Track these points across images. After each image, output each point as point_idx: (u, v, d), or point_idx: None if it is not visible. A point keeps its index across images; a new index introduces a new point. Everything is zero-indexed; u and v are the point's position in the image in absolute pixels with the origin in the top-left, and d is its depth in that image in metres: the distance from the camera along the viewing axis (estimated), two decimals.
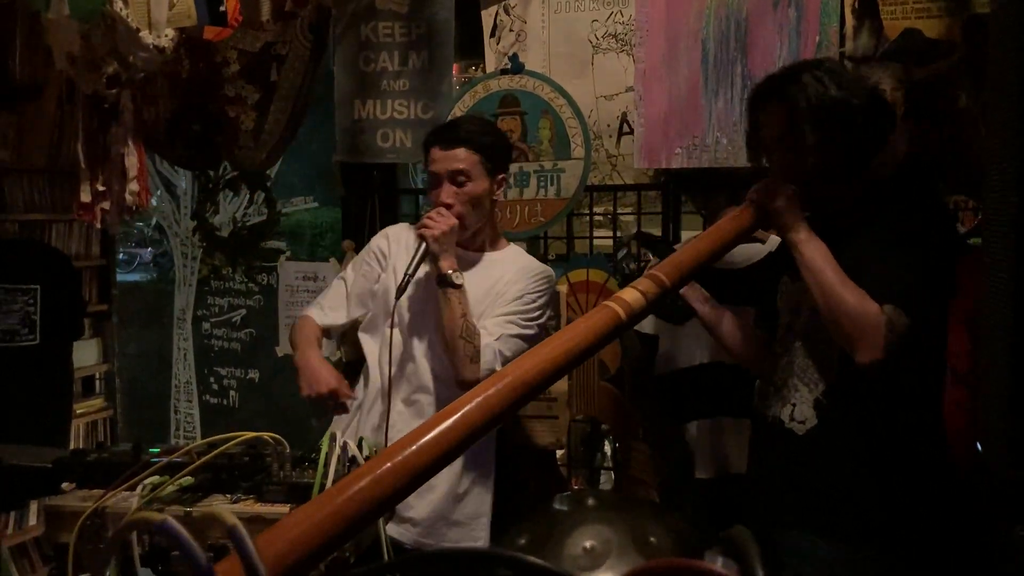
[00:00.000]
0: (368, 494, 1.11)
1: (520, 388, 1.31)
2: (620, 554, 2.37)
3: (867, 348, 1.72)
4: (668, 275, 1.62)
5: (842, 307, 1.74)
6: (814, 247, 1.81)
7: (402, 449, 1.18)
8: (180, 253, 4.15)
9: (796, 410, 1.92)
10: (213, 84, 3.12)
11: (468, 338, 2.18)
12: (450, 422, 1.22)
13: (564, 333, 1.46)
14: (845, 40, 2.51)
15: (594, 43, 2.83)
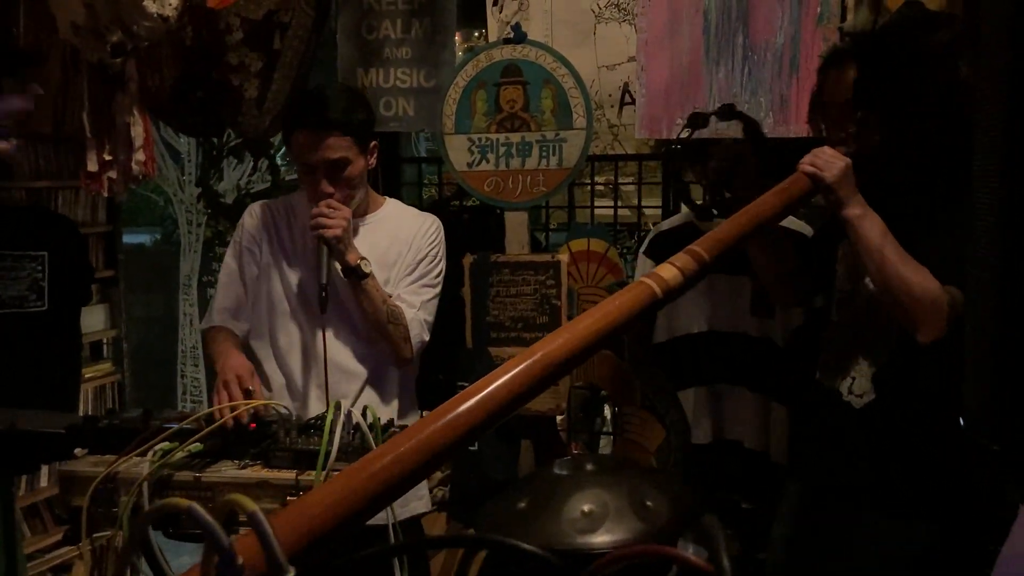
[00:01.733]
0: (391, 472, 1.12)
1: (549, 367, 1.25)
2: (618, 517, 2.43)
3: (929, 328, 1.65)
4: (708, 251, 1.52)
5: (903, 287, 1.67)
6: (871, 223, 1.72)
7: (427, 426, 1.19)
8: (185, 219, 4.17)
9: (856, 383, 1.88)
10: (216, 52, 3.13)
11: (396, 321, 2.15)
12: (476, 400, 1.20)
13: (596, 311, 1.38)
14: (846, 11, 2.52)
15: (596, 12, 2.84)
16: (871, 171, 1.78)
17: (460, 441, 1.20)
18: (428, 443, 1.14)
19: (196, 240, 4.19)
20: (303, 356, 2.22)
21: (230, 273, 2.28)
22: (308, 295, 2.21)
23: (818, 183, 1.73)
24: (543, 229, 3.05)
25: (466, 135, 2.84)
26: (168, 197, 4.34)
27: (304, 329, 2.23)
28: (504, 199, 2.83)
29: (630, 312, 1.40)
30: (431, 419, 1.19)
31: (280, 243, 2.26)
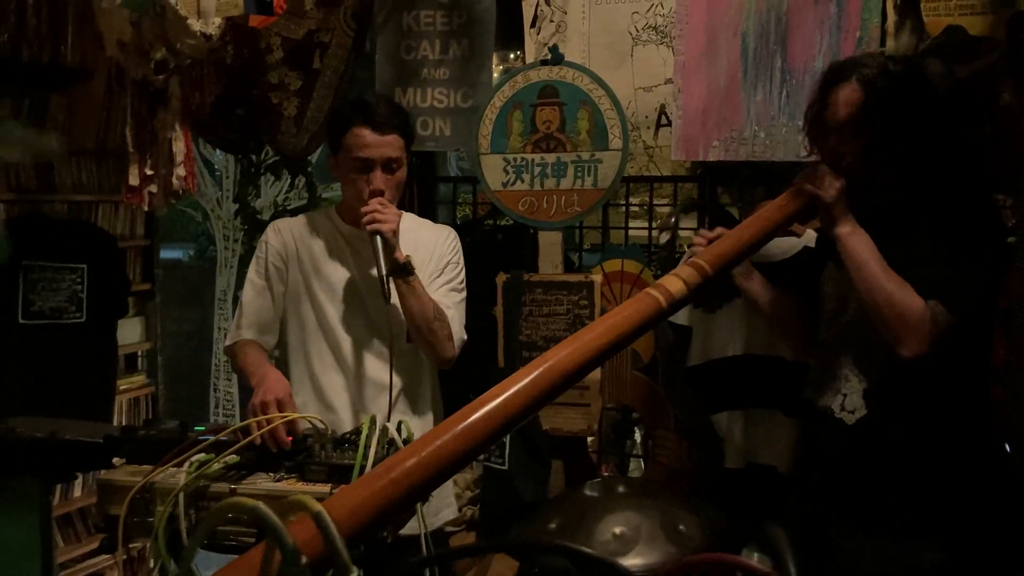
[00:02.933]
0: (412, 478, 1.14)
1: (560, 375, 1.32)
2: (649, 540, 2.41)
3: (910, 342, 1.72)
4: (710, 263, 1.62)
5: (886, 301, 1.73)
6: (859, 241, 1.79)
7: (443, 433, 1.20)
8: (222, 236, 4.22)
9: (847, 400, 1.90)
10: (257, 70, 3.18)
11: (441, 319, 2.17)
12: (491, 407, 1.23)
13: (605, 320, 1.45)
14: (886, 37, 2.50)
15: (634, 35, 2.85)
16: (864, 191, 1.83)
17: (477, 447, 1.23)
18: (446, 449, 1.18)
19: (232, 256, 4.24)
20: (338, 371, 2.23)
21: (257, 289, 2.28)
22: (339, 309, 2.23)
23: (815, 201, 1.81)
24: (577, 249, 3.05)
25: (501, 155, 2.86)
26: (205, 212, 4.40)
27: (337, 344, 2.24)
28: (538, 219, 2.84)
29: (636, 323, 1.47)
30: (448, 426, 1.21)
31: (308, 260, 2.27)
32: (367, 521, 1.09)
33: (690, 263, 1.62)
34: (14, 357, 3.11)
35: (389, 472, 1.14)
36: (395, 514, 1.17)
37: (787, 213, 1.82)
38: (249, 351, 2.19)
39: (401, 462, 1.14)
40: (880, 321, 1.76)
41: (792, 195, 1.84)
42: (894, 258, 1.78)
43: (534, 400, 1.30)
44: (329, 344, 2.25)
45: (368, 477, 1.16)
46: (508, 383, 1.28)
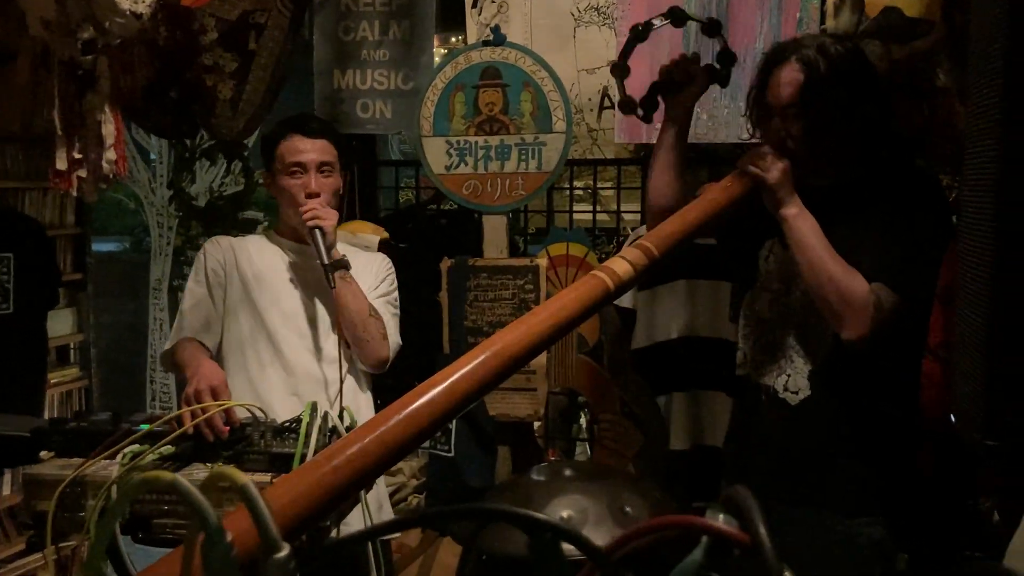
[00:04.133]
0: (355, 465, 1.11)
1: (507, 358, 1.29)
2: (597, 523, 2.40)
3: (853, 325, 1.72)
4: (656, 245, 1.60)
5: (831, 284, 1.73)
6: (805, 223, 1.78)
7: (387, 419, 1.17)
8: (156, 223, 4.11)
9: (791, 380, 1.91)
10: (190, 52, 3.08)
11: (377, 317, 2.16)
12: (436, 391, 1.20)
13: (551, 303, 1.43)
14: (825, 17, 2.52)
15: (576, 16, 2.83)
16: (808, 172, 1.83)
17: (422, 432, 1.20)
18: (390, 435, 1.14)
19: (167, 244, 4.13)
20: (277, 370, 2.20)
21: (196, 297, 2.25)
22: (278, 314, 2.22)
23: (759, 183, 1.79)
24: (522, 233, 3.03)
25: (444, 138, 2.82)
26: (139, 200, 4.28)
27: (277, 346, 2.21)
28: (483, 203, 2.81)
29: (584, 305, 1.44)
30: (391, 412, 1.18)
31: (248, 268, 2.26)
32: (308, 510, 1.06)
33: (636, 244, 1.59)
34: None
35: (330, 460, 1.10)
36: (337, 503, 1.13)
37: (732, 195, 1.80)
38: (186, 346, 2.14)
39: (343, 449, 1.11)
40: (824, 303, 1.76)
41: (736, 177, 1.83)
42: (839, 241, 1.77)
43: (480, 385, 1.26)
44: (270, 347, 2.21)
45: (308, 465, 1.13)
46: (453, 368, 1.25)
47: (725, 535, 0.56)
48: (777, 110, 1.86)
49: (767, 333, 1.99)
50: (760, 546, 0.54)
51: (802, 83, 1.81)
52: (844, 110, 1.80)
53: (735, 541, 0.55)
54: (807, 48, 1.85)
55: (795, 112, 1.83)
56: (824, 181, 1.88)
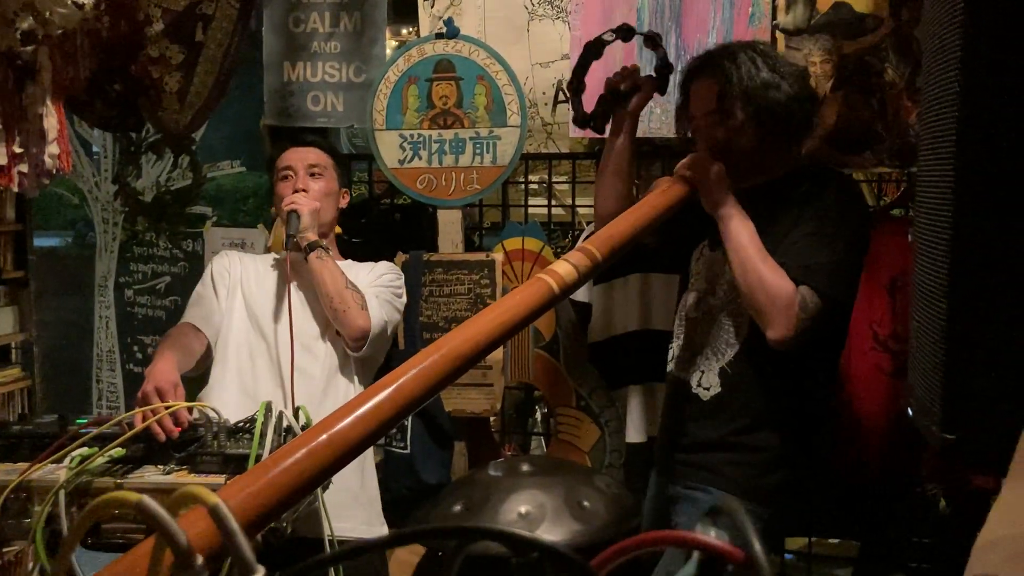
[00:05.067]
0: (304, 466, 1.11)
1: (455, 359, 1.33)
2: (555, 518, 2.39)
3: (778, 325, 1.78)
4: (599, 248, 1.66)
5: (760, 284, 1.79)
6: (739, 223, 1.85)
7: (338, 421, 1.17)
8: (101, 219, 4.01)
9: (704, 377, 1.99)
10: (135, 43, 3.00)
11: (353, 288, 2.16)
12: (386, 393, 1.23)
13: (498, 306, 1.48)
14: (776, 12, 2.55)
15: (530, 9, 2.81)
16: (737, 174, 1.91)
17: (371, 434, 1.21)
18: (340, 436, 1.15)
19: (112, 240, 4.03)
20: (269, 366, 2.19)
21: (199, 292, 2.29)
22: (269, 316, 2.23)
23: (695, 186, 1.87)
24: (477, 228, 3.01)
25: (397, 131, 2.79)
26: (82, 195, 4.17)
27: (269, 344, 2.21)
28: (437, 197, 2.79)
29: (529, 308, 1.50)
30: (344, 412, 1.20)
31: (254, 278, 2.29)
32: (259, 512, 1.06)
33: (580, 248, 1.65)
34: None
35: (281, 460, 1.11)
36: (289, 504, 1.13)
37: (671, 198, 1.87)
38: (171, 334, 2.16)
39: (294, 450, 1.11)
40: (752, 302, 1.82)
41: (674, 181, 1.90)
42: (768, 243, 1.84)
43: (428, 387, 1.30)
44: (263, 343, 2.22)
45: (260, 466, 1.12)
46: (401, 370, 1.28)
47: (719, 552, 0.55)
48: (700, 118, 1.98)
49: (690, 331, 2.06)
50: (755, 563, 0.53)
51: (716, 91, 1.92)
52: (757, 121, 1.89)
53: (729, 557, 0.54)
54: (722, 59, 1.95)
55: (715, 120, 1.94)
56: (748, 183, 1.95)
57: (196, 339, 2.16)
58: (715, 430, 1.96)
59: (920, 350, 1.02)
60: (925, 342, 0.99)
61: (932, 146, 1.01)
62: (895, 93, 2.44)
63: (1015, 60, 0.90)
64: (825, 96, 2.50)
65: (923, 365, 0.99)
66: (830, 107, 2.49)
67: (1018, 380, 0.88)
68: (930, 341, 0.96)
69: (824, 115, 2.50)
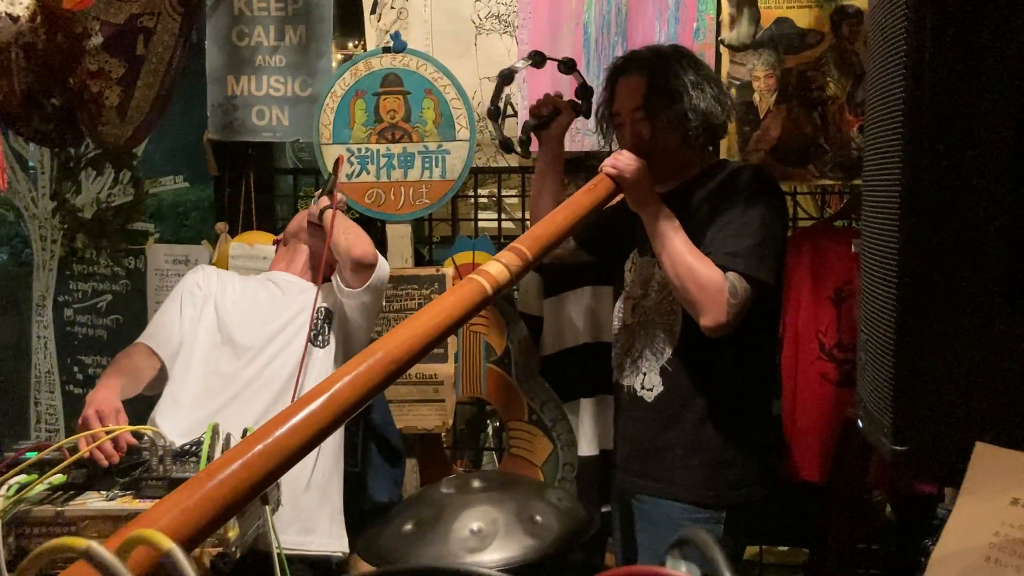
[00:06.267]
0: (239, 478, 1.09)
1: (390, 364, 1.32)
2: (507, 534, 2.37)
3: (711, 312, 1.83)
4: (529, 248, 1.68)
5: (689, 274, 1.84)
6: (664, 217, 1.90)
7: (272, 431, 1.16)
8: (39, 236, 3.90)
9: (646, 379, 2.02)
10: (74, 57, 2.94)
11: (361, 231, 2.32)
12: (321, 401, 1.22)
13: (432, 307, 1.48)
14: (721, 27, 2.59)
15: (477, 23, 2.81)
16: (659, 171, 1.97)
17: (307, 443, 1.19)
18: (275, 447, 1.14)
19: (51, 258, 3.92)
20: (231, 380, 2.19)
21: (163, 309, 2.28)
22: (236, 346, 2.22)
23: (619, 183, 1.92)
24: (426, 242, 3.00)
25: (344, 145, 2.77)
26: (18, 212, 4.06)
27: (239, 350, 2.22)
28: (386, 211, 2.77)
29: (464, 309, 1.51)
30: (276, 422, 1.18)
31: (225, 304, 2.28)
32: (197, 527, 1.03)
33: (510, 248, 1.68)
34: None
35: (213, 475, 1.09)
36: (227, 517, 1.11)
37: (596, 196, 1.90)
38: (120, 358, 2.14)
39: (226, 464, 1.09)
40: (683, 292, 1.86)
41: (599, 179, 1.93)
42: (694, 235, 1.90)
43: (364, 392, 1.28)
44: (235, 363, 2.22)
45: (194, 480, 1.10)
46: (336, 376, 1.27)
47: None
48: (625, 115, 2.02)
49: (629, 337, 2.11)
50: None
51: (643, 87, 1.97)
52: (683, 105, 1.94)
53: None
54: (650, 58, 2.02)
55: (640, 116, 1.99)
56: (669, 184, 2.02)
57: (147, 362, 2.13)
58: (661, 431, 1.99)
59: (869, 362, 1.03)
60: (874, 354, 1.00)
61: (878, 159, 1.03)
62: (837, 107, 2.50)
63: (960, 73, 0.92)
64: (769, 110, 2.55)
65: (872, 377, 1.00)
66: (774, 121, 2.54)
67: (967, 390, 0.89)
68: (878, 353, 0.97)
69: (768, 128, 2.54)
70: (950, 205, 0.91)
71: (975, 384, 0.89)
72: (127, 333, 3.89)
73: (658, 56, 2.01)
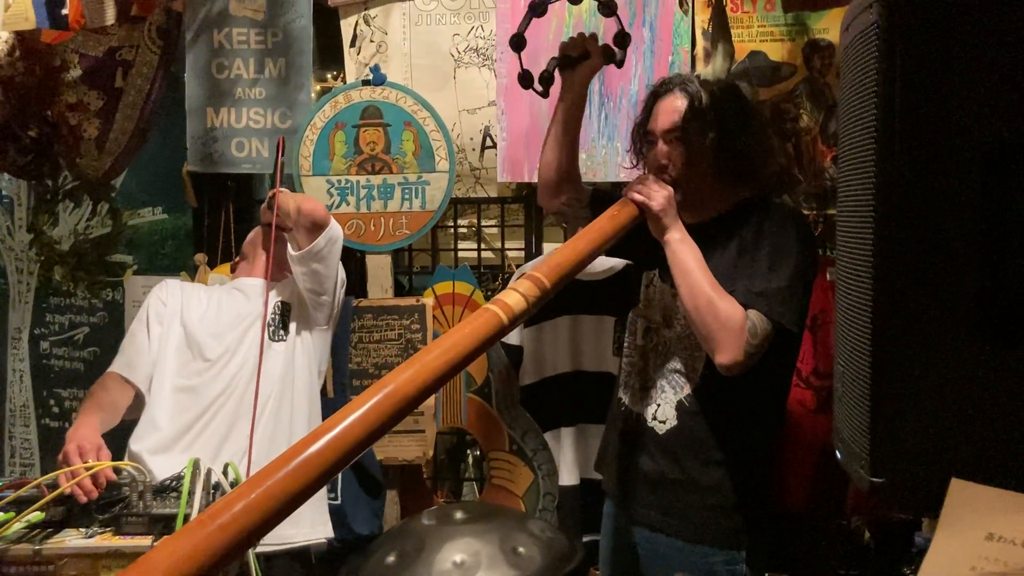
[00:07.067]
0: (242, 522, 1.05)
1: (401, 399, 1.26)
2: (490, 566, 2.37)
3: (728, 350, 1.76)
4: (547, 276, 1.61)
5: (709, 308, 1.78)
6: (687, 248, 1.84)
7: (276, 471, 1.12)
8: (15, 268, 3.87)
9: (660, 410, 1.96)
10: (52, 89, 2.94)
11: None
12: (327, 440, 1.16)
13: (444, 340, 1.40)
14: (695, 61, 2.63)
15: (456, 57, 2.84)
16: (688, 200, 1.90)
17: (313, 484, 1.14)
18: (280, 488, 1.09)
19: (27, 290, 3.89)
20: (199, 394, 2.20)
21: (132, 331, 2.29)
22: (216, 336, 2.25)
23: (644, 210, 1.85)
24: (406, 272, 3.00)
25: (324, 177, 2.78)
26: None
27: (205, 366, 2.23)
28: (366, 242, 2.78)
29: (479, 340, 1.43)
30: (280, 462, 1.12)
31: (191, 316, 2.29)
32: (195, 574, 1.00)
33: (527, 276, 1.60)
34: None
35: (216, 518, 1.04)
36: (225, 563, 1.07)
37: (619, 223, 1.84)
38: (94, 393, 2.14)
39: (229, 506, 1.05)
40: (702, 327, 1.80)
41: (622, 205, 1.88)
42: (716, 269, 1.84)
43: (374, 429, 1.22)
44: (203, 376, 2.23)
45: (192, 525, 1.06)
46: (344, 412, 1.20)
47: None
48: (659, 136, 1.95)
49: (641, 360, 2.04)
50: None
51: (683, 109, 1.90)
52: (720, 138, 1.87)
53: None
54: (689, 81, 1.96)
55: (676, 136, 1.91)
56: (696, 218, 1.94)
57: (121, 392, 2.15)
58: (671, 465, 1.94)
59: (845, 393, 1.05)
60: (850, 385, 1.01)
61: (850, 191, 1.05)
62: (810, 138, 2.54)
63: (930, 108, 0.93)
64: None
65: (849, 408, 1.02)
66: None
67: (944, 422, 0.91)
68: (855, 384, 0.99)
69: None
70: (923, 239, 0.92)
71: (951, 416, 0.90)
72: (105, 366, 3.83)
73: (704, 84, 1.95)
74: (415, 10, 2.84)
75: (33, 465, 3.89)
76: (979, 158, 0.91)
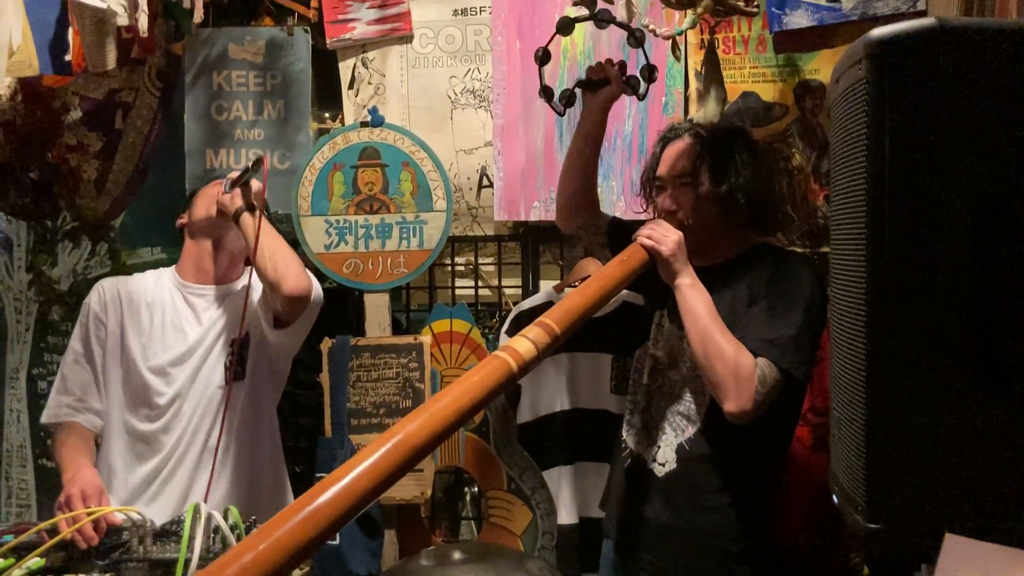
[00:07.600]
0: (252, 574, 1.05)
1: (410, 448, 1.25)
2: None
3: (736, 398, 1.74)
4: (557, 322, 1.60)
5: (719, 356, 1.76)
6: (697, 294, 1.84)
7: (285, 521, 1.11)
8: (13, 308, 3.88)
9: (660, 452, 1.96)
10: (52, 131, 2.97)
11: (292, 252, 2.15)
12: (336, 490, 1.15)
13: (454, 388, 1.39)
14: (688, 102, 2.67)
15: (452, 98, 2.88)
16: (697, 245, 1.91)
17: (323, 534, 1.14)
18: (289, 539, 1.09)
19: (26, 330, 3.89)
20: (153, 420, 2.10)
21: (76, 356, 2.16)
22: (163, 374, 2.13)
23: (654, 255, 1.86)
24: (404, 310, 3.02)
25: (323, 217, 2.80)
26: None
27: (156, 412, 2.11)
28: (364, 281, 2.80)
29: (489, 388, 1.42)
30: (290, 512, 1.12)
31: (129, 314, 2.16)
32: None
33: (538, 323, 1.60)
34: None
35: (224, 569, 1.04)
36: None
37: (629, 268, 1.85)
38: (67, 440, 2.04)
39: (238, 557, 1.05)
40: (710, 373, 1.79)
41: (633, 250, 1.88)
42: (725, 314, 1.84)
43: (385, 478, 1.21)
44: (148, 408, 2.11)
45: None
46: (354, 462, 1.19)
47: None
48: (668, 181, 1.96)
49: (646, 399, 2.04)
50: None
51: (692, 155, 1.92)
52: (731, 183, 1.88)
53: None
54: (700, 127, 1.99)
55: (685, 182, 1.93)
56: (706, 262, 1.95)
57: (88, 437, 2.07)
58: (670, 512, 1.93)
59: (841, 439, 1.06)
60: (846, 431, 1.02)
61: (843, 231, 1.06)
62: (802, 177, 2.57)
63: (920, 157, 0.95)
64: None
65: (845, 454, 1.03)
66: None
67: (940, 469, 0.91)
68: (851, 430, 1.00)
69: None
70: (915, 288, 0.93)
71: (946, 464, 0.90)
72: None
73: (714, 129, 1.97)
74: (412, 53, 2.89)
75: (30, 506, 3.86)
76: (968, 210, 0.93)
